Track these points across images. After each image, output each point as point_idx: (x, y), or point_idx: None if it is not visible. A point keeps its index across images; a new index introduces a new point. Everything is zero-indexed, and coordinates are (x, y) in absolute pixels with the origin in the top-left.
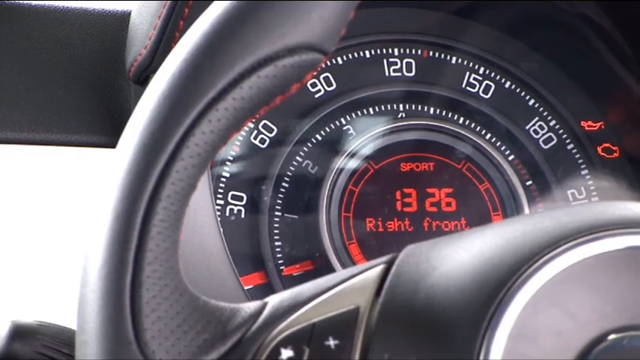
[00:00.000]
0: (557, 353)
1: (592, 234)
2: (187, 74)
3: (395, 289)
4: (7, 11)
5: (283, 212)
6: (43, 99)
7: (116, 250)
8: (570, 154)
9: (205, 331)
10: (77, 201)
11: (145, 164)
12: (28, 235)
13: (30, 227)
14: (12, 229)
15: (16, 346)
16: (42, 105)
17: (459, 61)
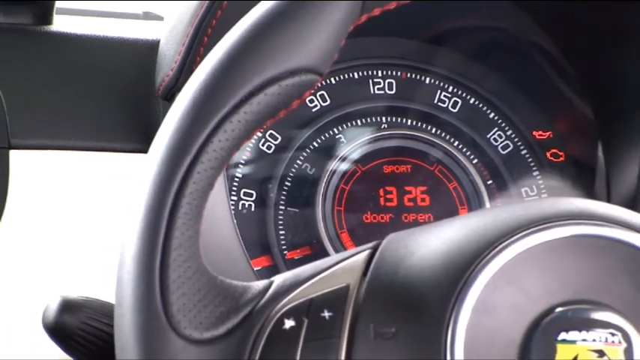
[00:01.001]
0: (512, 324)
1: (542, 224)
2: (206, 92)
3: (379, 270)
4: (61, 39)
5: (286, 206)
6: (88, 113)
7: (147, 238)
8: (524, 158)
9: (222, 304)
10: (115, 197)
11: (172, 167)
12: (76, 226)
13: (76, 220)
14: (62, 222)
15: (65, 317)
16: (87, 118)
17: (432, 81)
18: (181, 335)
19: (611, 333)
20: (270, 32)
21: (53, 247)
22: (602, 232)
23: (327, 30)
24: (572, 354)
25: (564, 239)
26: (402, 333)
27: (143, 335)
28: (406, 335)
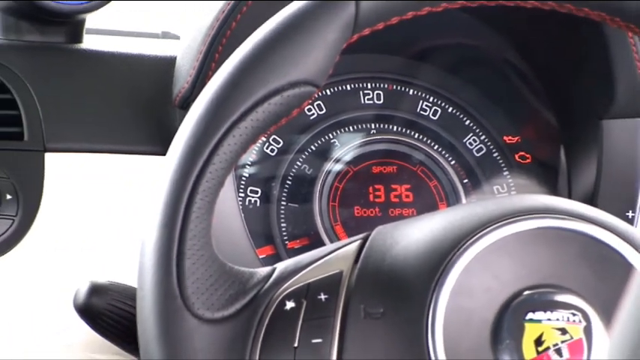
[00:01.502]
0: (486, 305)
1: (511, 218)
2: (217, 102)
3: (368, 257)
4: (90, 56)
5: (287, 202)
6: (114, 120)
7: (166, 230)
8: (495, 160)
9: (231, 288)
10: (137, 194)
11: (187, 167)
12: (103, 220)
13: (103, 214)
14: (91, 217)
15: (93, 299)
16: (112, 124)
17: (414, 93)
18: (195, 315)
19: (573, 313)
20: (274, 50)
21: (83, 239)
22: (564, 224)
23: (323, 48)
24: (538, 332)
25: (531, 231)
26: (389, 313)
27: (161, 315)
28: (393, 315)
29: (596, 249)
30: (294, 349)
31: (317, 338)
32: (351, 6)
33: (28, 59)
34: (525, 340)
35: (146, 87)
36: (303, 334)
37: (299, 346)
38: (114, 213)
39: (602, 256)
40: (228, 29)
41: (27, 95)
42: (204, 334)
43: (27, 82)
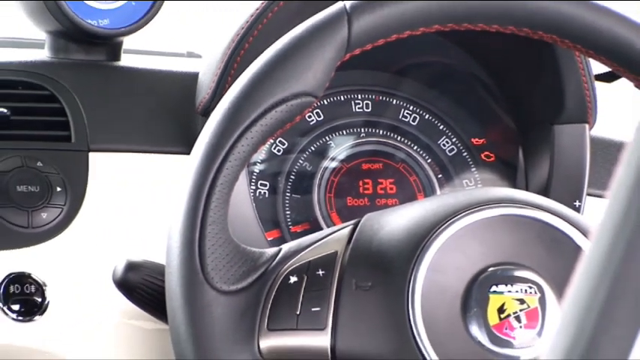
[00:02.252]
0: (457, 280)
1: (478, 207)
2: (233, 110)
3: (359, 240)
4: (126, 71)
5: (291, 193)
6: (146, 125)
7: (189, 217)
8: (464, 158)
9: (244, 265)
10: (165, 187)
11: (207, 165)
12: (137, 208)
13: (136, 204)
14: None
15: (129, 275)
16: (145, 129)
17: (397, 102)
18: (214, 288)
19: (529, 286)
20: (279, 66)
21: (121, 225)
22: (522, 212)
23: (321, 65)
24: (500, 302)
25: (495, 217)
26: (376, 286)
27: (186, 288)
28: (379, 288)
29: (549, 233)
30: (297, 316)
31: (316, 307)
32: (344, 30)
33: (74, 74)
34: (490, 309)
35: (173, 97)
36: (304, 303)
37: (301, 313)
38: (146, 203)
39: (554, 239)
40: (242, 49)
41: (74, 105)
42: (222, 303)
43: (74, 93)
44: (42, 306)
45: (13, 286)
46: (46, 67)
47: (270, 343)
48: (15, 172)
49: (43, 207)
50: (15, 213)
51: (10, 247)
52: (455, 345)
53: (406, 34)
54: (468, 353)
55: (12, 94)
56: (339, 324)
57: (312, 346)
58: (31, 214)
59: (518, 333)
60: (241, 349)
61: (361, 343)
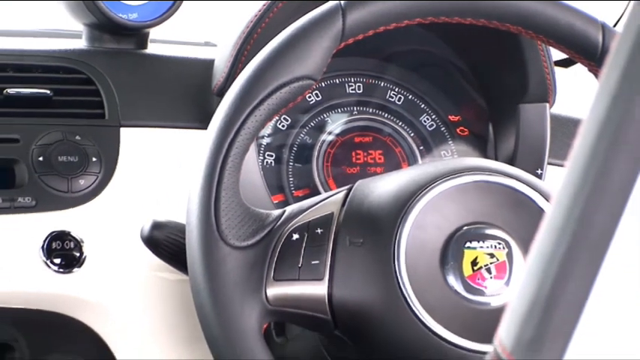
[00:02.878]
0: (436, 237)
1: (454, 174)
2: (243, 91)
3: (352, 203)
4: (152, 58)
5: (294, 163)
6: (169, 104)
7: (206, 182)
8: (442, 133)
9: (253, 225)
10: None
11: (222, 138)
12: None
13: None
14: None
15: (154, 232)
16: (168, 107)
17: (384, 85)
18: (227, 244)
19: (499, 242)
20: (283, 54)
21: (147, 188)
22: (492, 179)
23: (319, 52)
24: (473, 256)
25: (469, 184)
26: (366, 242)
27: (203, 244)
28: (369, 244)
29: (515, 196)
30: (299, 268)
31: (315, 260)
32: (339, 23)
33: (107, 61)
34: (464, 262)
35: (192, 80)
36: (305, 257)
37: (302, 266)
38: (169, 171)
39: (520, 202)
40: (252, 39)
41: (107, 87)
42: (234, 257)
43: (107, 77)
44: (80, 260)
45: (55, 242)
46: (83, 54)
47: (275, 291)
48: (56, 145)
49: (80, 174)
50: (57, 180)
51: (53, 209)
52: (434, 293)
53: (392, 26)
54: (446, 300)
55: (54, 78)
56: (335, 275)
57: (311, 294)
58: (71, 180)
59: (489, 283)
60: (251, 297)
61: (354, 291)
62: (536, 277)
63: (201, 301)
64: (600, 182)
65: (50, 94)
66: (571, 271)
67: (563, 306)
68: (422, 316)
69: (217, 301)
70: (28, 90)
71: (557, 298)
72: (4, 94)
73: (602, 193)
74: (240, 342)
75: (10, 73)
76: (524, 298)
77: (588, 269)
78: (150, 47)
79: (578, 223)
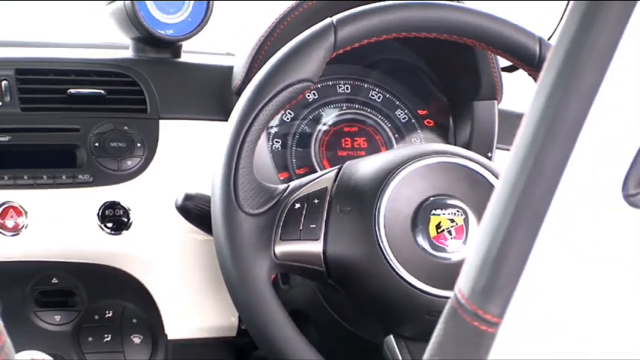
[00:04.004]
0: (408, 206)
1: (423, 156)
2: (256, 91)
3: (342, 179)
4: (185, 65)
5: (296, 147)
6: (198, 101)
7: (227, 163)
8: (413, 124)
9: (264, 196)
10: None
11: (239, 128)
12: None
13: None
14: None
15: (186, 202)
16: (197, 104)
17: (367, 86)
18: (243, 211)
19: (457, 210)
20: (288, 61)
21: (181, 167)
22: (453, 160)
23: (316, 60)
24: (437, 221)
25: (434, 164)
26: (353, 210)
27: (224, 212)
28: (355, 211)
29: (471, 174)
30: (300, 230)
31: (312, 224)
32: (332, 37)
33: (149, 67)
34: (430, 226)
35: (216, 82)
36: (305, 222)
37: (302, 229)
38: (198, 153)
39: (474, 178)
40: (263, 50)
41: (149, 87)
42: (249, 222)
43: (149, 80)
44: (127, 224)
45: (107, 210)
46: (130, 62)
47: (281, 249)
48: (109, 133)
49: (128, 157)
50: (109, 161)
51: (106, 184)
52: (407, 250)
53: (374, 40)
54: (416, 256)
55: (107, 81)
56: (328, 236)
57: (310, 251)
58: (120, 161)
59: (450, 242)
60: (262, 253)
61: (343, 249)
62: (488, 238)
63: (223, 257)
64: (538, 162)
65: (104, 93)
66: (515, 233)
67: (510, 261)
68: (397, 269)
69: (235, 257)
70: (87, 90)
71: (504, 255)
72: (67, 94)
73: (540, 171)
74: (253, 288)
75: (72, 77)
76: (478, 254)
77: (529, 232)
78: (183, 56)
79: (521, 195)
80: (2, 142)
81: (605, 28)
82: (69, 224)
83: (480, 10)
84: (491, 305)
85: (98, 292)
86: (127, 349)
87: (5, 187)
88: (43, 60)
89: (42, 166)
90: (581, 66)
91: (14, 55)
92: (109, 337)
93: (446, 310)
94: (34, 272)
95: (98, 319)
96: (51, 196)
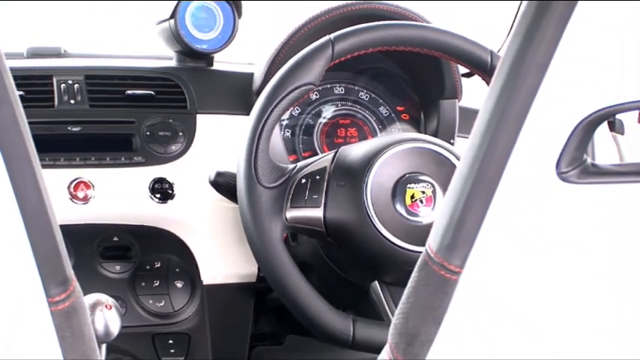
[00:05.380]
0: (389, 181)
1: (400, 142)
2: (271, 93)
3: (338, 160)
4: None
5: (302, 135)
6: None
7: (249, 147)
8: (393, 117)
9: (277, 173)
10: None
11: (258, 121)
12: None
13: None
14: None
15: (217, 178)
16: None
17: (357, 88)
18: (262, 185)
19: (427, 184)
20: (295, 69)
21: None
22: (424, 145)
23: (318, 68)
24: (412, 192)
25: (409, 148)
26: (347, 184)
27: (247, 186)
28: (348, 185)
29: (438, 156)
30: (305, 200)
31: (315, 195)
32: (330, 50)
33: (188, 74)
34: (406, 196)
35: (240, 85)
36: (309, 193)
37: (307, 198)
38: (226, 140)
39: (440, 160)
40: (276, 60)
41: (188, 89)
42: (265, 194)
43: (188, 83)
44: (171, 195)
45: (156, 184)
46: (174, 70)
47: (291, 214)
48: (158, 125)
49: (172, 143)
50: (157, 146)
51: (155, 164)
52: (388, 215)
53: (362, 52)
54: (395, 220)
55: (156, 84)
56: (327, 204)
57: (313, 216)
58: (166, 146)
59: (421, 209)
60: (276, 217)
61: (339, 214)
62: (451, 205)
63: (246, 220)
64: (490, 147)
65: (154, 94)
66: (473, 202)
67: (469, 223)
68: (380, 230)
69: (255, 221)
70: (140, 91)
71: (464, 219)
72: (125, 94)
73: (492, 153)
74: (269, 245)
75: (129, 81)
76: (444, 218)
77: (484, 201)
78: (215, 65)
79: (477, 172)
80: (75, 132)
81: (541, 45)
82: (126, 195)
83: (444, 29)
84: (454, 258)
85: (149, 248)
86: (171, 292)
87: (77, 167)
88: (106, 68)
89: (105, 150)
90: (522, 73)
91: (84, 64)
92: (158, 282)
93: (419, 262)
94: (99, 232)
95: (149, 269)
96: (112, 173)
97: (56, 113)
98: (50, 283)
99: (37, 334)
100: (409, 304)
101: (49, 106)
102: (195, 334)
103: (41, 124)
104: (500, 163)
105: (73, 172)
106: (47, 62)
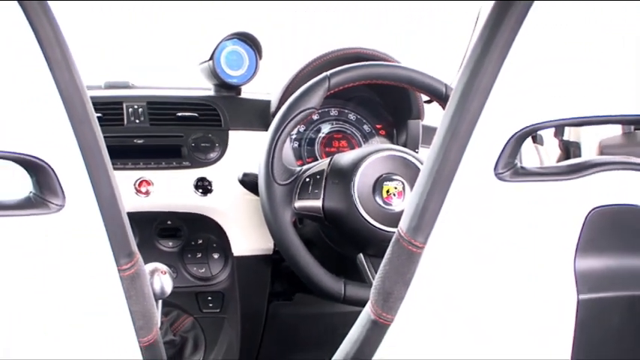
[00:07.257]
0: (371, 180)
1: (379, 151)
2: (283, 115)
3: (332, 164)
4: (244, 100)
5: (307, 146)
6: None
7: (267, 155)
8: (373, 133)
9: (288, 174)
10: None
11: (274, 135)
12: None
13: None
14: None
15: (244, 177)
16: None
17: (346, 111)
18: (277, 182)
19: (399, 182)
20: (301, 98)
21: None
22: (396, 153)
23: (318, 96)
24: (387, 188)
25: (385, 155)
26: (340, 182)
27: (266, 183)
28: (341, 183)
29: (406, 162)
30: (308, 193)
31: (316, 190)
32: (327, 83)
33: (223, 101)
34: (383, 191)
35: (261, 110)
36: (311, 189)
37: (310, 192)
38: (251, 149)
39: (408, 164)
40: (287, 91)
41: (223, 112)
42: (279, 189)
43: (223, 108)
44: (210, 190)
45: (199, 182)
46: (212, 98)
47: (298, 204)
48: (200, 138)
49: (210, 151)
50: (200, 154)
51: (198, 167)
52: (370, 205)
53: (351, 85)
54: (375, 208)
55: (199, 108)
56: (325, 197)
57: (314, 205)
58: (206, 154)
59: (394, 200)
60: (287, 207)
61: (334, 204)
62: (416, 197)
63: (265, 209)
64: (445, 154)
65: (197, 115)
66: (432, 195)
67: (429, 211)
68: (364, 216)
69: (272, 209)
70: (188, 113)
71: (426, 208)
72: (176, 116)
73: (447, 159)
74: (282, 226)
75: (179, 106)
76: (411, 207)
77: (441, 194)
78: (242, 94)
79: (436, 174)
80: (139, 143)
81: (483, 78)
82: (177, 190)
83: (411, 68)
84: (419, 237)
85: (194, 229)
86: (210, 261)
87: (140, 169)
88: (163, 96)
89: (162, 157)
90: (469, 99)
91: (146, 94)
92: (200, 254)
93: (392, 239)
94: (156, 218)
95: (194, 245)
96: (167, 174)
97: (125, 130)
98: (120, 255)
99: (110, 294)
100: (385, 270)
101: (119, 125)
102: (227, 292)
103: (114, 137)
104: (453, 166)
105: (137, 173)
106: (118, 92)
